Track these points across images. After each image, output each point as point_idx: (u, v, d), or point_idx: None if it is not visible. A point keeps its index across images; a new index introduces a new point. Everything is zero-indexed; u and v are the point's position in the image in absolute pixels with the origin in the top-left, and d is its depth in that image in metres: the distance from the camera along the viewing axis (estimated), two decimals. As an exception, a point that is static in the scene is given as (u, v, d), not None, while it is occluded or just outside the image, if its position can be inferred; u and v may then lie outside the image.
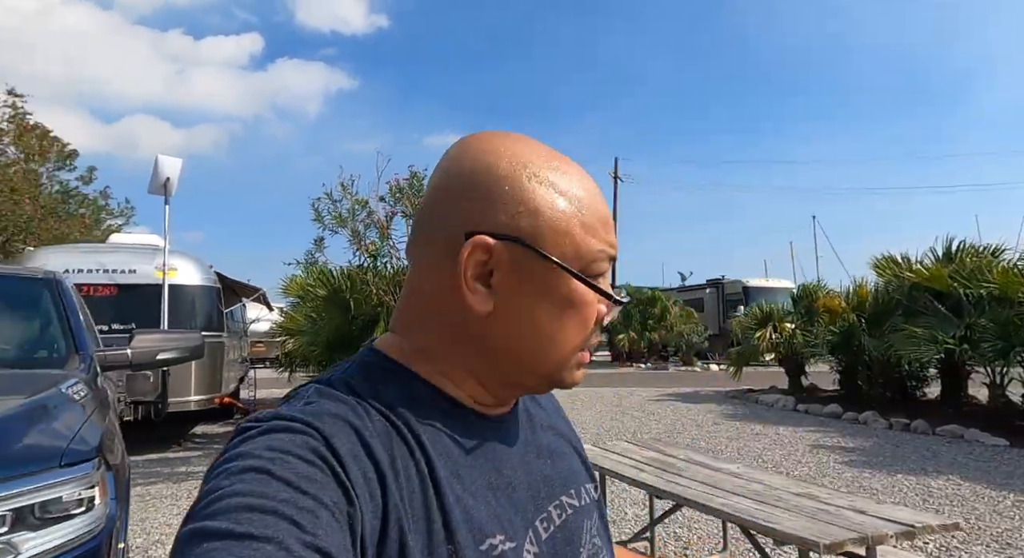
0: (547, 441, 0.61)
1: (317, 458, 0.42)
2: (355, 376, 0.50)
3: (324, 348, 7.08)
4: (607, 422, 8.40)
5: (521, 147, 0.52)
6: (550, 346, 0.51)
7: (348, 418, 0.46)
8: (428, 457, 0.48)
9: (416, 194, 5.97)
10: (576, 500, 0.59)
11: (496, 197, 0.49)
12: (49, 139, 12.76)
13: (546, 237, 0.49)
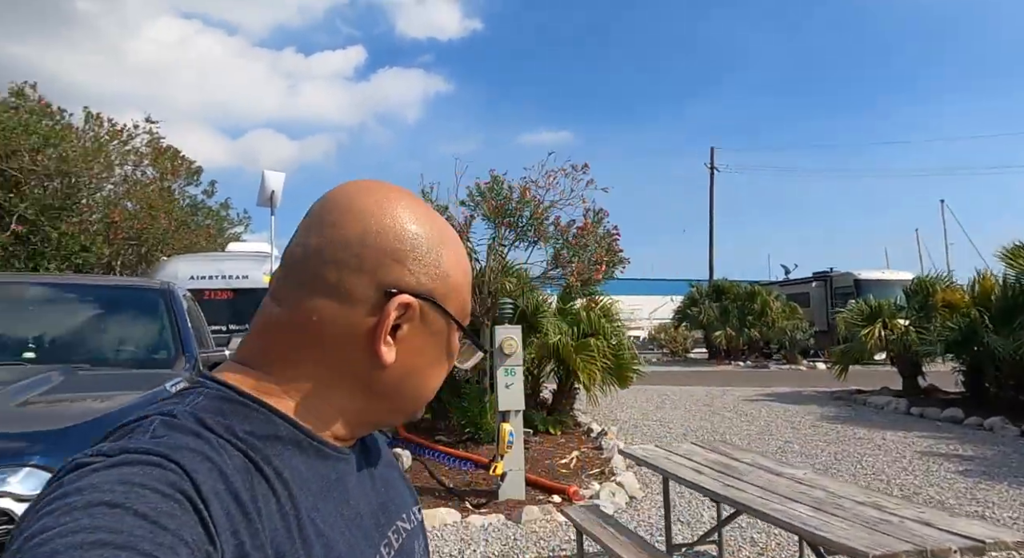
0: (380, 469, 0.63)
1: (177, 493, 0.40)
2: (205, 410, 0.48)
3: (412, 346, 7.47)
4: (695, 422, 8.19)
5: (426, 210, 0.58)
6: (427, 391, 0.59)
7: (207, 453, 0.44)
8: (290, 494, 0.48)
9: (496, 197, 6.16)
10: (408, 523, 0.63)
11: (417, 259, 0.54)
12: (179, 158, 14.27)
13: (449, 297, 0.56)
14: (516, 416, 4.68)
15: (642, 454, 3.06)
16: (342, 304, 0.52)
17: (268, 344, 0.54)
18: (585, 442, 6.56)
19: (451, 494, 4.77)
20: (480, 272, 6.10)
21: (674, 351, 21.95)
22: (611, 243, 6.11)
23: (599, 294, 7.53)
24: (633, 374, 7.38)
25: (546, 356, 7.07)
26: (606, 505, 4.31)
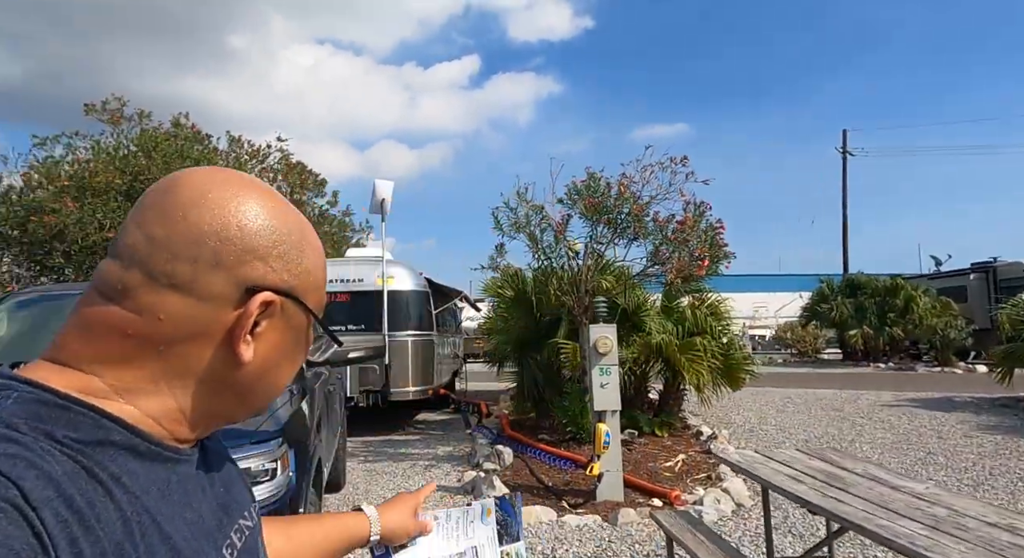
0: (219, 466, 0.61)
1: (3, 502, 0.37)
2: (16, 414, 0.43)
3: (516, 346, 7.59)
4: (819, 428, 7.54)
5: (284, 205, 0.56)
6: (279, 386, 0.58)
7: (30, 459, 0.40)
8: (130, 499, 0.45)
9: (593, 194, 6.09)
10: (249, 521, 0.61)
11: (280, 255, 0.53)
12: (306, 173, 15.58)
13: (308, 293, 0.56)
14: (612, 416, 4.60)
15: (737, 459, 2.88)
16: (195, 301, 0.49)
17: (98, 343, 0.49)
18: (693, 445, 6.29)
19: (549, 492, 4.78)
20: (577, 270, 6.06)
21: (802, 351, 20.34)
22: (715, 237, 5.79)
23: (706, 291, 7.18)
24: (746, 375, 6.96)
25: (651, 356, 6.86)
26: (709, 512, 4.10)
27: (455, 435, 7.76)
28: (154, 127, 11.26)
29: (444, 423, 8.85)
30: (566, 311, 6.49)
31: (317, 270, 0.57)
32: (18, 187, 9.32)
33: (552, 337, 6.98)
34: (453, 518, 0.93)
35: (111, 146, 10.40)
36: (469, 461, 6.11)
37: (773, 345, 25.01)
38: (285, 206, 0.55)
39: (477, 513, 0.94)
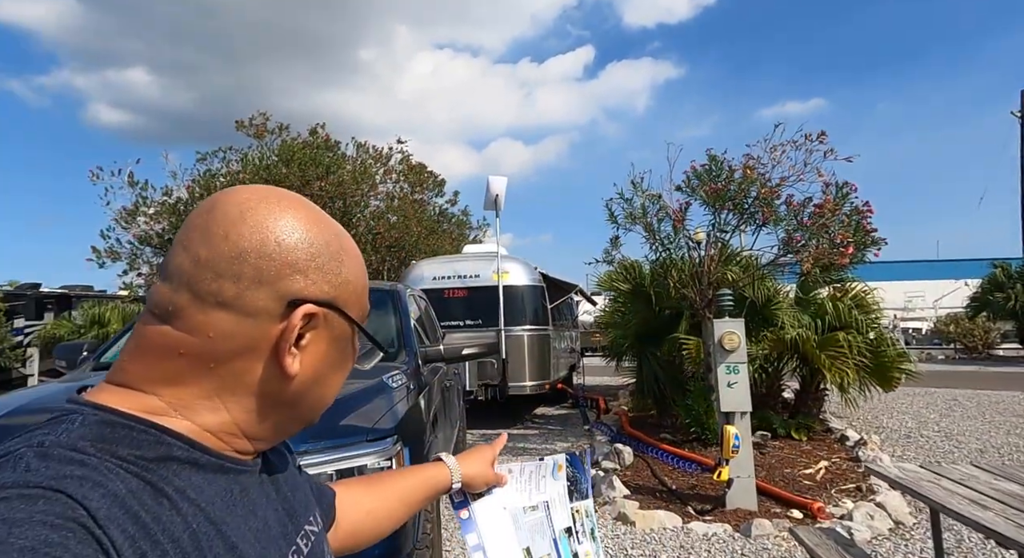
0: (285, 474, 0.63)
1: (69, 522, 0.38)
2: (83, 437, 0.45)
3: (634, 340, 7.31)
4: (997, 437, 6.50)
5: (319, 217, 0.56)
6: (328, 397, 0.58)
7: (95, 479, 0.41)
8: (196, 512, 0.46)
9: (714, 179, 5.68)
10: (315, 526, 0.63)
11: (319, 267, 0.53)
12: (426, 173, 16.21)
13: (349, 303, 0.55)
14: (742, 418, 4.24)
15: (898, 475, 2.49)
16: (241, 318, 0.50)
17: (154, 363, 0.51)
18: (837, 451, 5.67)
19: (673, 496, 4.53)
20: (699, 262, 5.68)
21: (970, 346, 17.82)
22: (860, 221, 5.15)
23: (849, 280, 6.45)
24: (900, 374, 6.16)
25: (784, 352, 6.30)
26: (860, 530, 3.65)
27: (573, 431, 7.66)
28: (292, 138, 12.27)
29: (562, 418, 8.78)
30: (687, 305, 6.12)
31: (357, 279, 0.57)
32: (184, 199, 10.58)
33: (672, 332, 6.63)
34: (526, 472, 0.95)
35: (256, 157, 11.46)
36: (589, 459, 5.97)
37: (931, 339, 22.19)
38: (320, 217, 0.56)
39: (549, 468, 0.96)
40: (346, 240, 0.57)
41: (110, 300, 14.87)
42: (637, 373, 7.50)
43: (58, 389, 2.28)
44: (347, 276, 0.55)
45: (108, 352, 2.98)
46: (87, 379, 2.48)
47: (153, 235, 10.09)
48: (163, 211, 10.11)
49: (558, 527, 0.94)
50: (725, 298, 4.52)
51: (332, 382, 0.57)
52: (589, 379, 12.09)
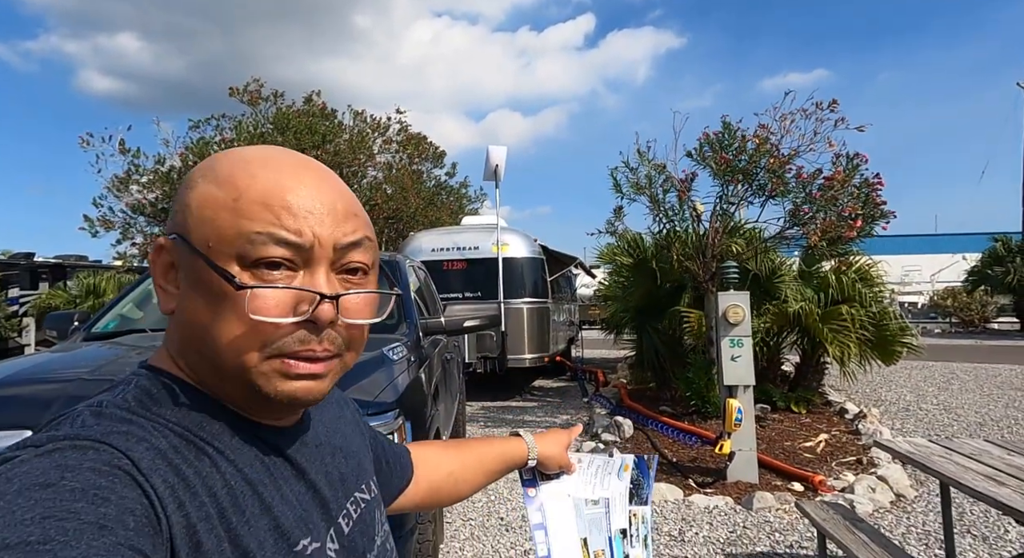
0: (339, 440, 0.63)
1: (116, 469, 0.41)
2: (135, 398, 0.48)
3: (635, 313, 7.26)
4: (996, 410, 6.51)
5: (225, 154, 0.52)
6: (213, 344, 0.48)
7: (141, 435, 0.45)
8: (232, 469, 0.48)
9: (725, 148, 5.54)
10: (367, 494, 0.63)
11: (175, 201, 0.52)
12: (425, 144, 15.93)
13: (190, 228, 0.49)
14: (745, 392, 4.21)
15: (908, 450, 2.45)
16: None
17: (172, 331, 0.54)
18: (837, 424, 5.68)
19: (674, 469, 4.53)
20: (703, 234, 5.59)
21: (967, 321, 17.87)
22: (870, 194, 5.04)
23: (853, 253, 6.36)
24: (902, 348, 6.14)
25: (785, 326, 6.25)
26: (862, 502, 3.64)
27: (572, 403, 7.67)
28: (287, 105, 11.98)
29: (561, 390, 8.79)
30: (690, 277, 6.05)
31: (204, 200, 0.49)
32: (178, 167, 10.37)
33: (674, 305, 6.57)
34: (594, 465, 0.97)
35: (251, 125, 11.21)
36: (587, 431, 5.97)
37: (927, 313, 22.28)
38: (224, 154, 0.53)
39: (616, 467, 0.98)
40: (222, 165, 0.51)
41: (105, 270, 14.75)
42: (636, 346, 7.47)
43: (47, 359, 2.20)
44: (191, 200, 0.50)
45: (99, 322, 2.89)
46: (78, 349, 2.40)
47: (146, 204, 9.91)
48: (156, 180, 9.91)
49: (615, 527, 0.94)
50: (730, 271, 4.44)
51: (208, 324, 0.48)
52: (587, 352, 12.10)
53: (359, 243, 0.52)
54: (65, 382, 1.82)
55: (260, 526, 0.47)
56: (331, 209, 0.50)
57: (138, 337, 2.65)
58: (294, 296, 0.48)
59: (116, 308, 3.00)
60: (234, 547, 0.45)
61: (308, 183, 0.50)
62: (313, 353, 0.49)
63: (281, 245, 0.47)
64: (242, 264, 0.47)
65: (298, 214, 0.48)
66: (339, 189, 0.52)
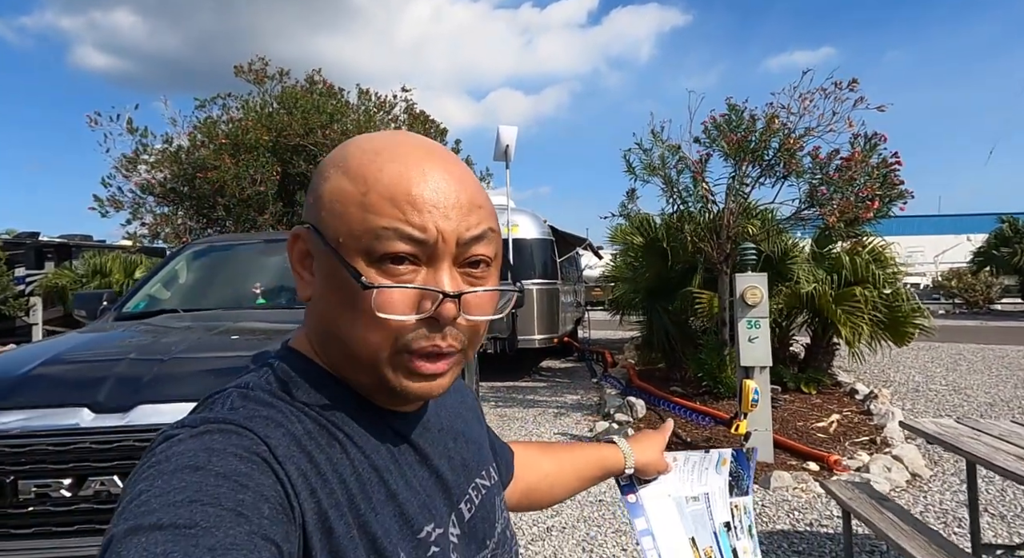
0: (460, 426, 0.64)
1: (254, 456, 0.44)
2: (274, 381, 0.51)
3: (645, 295, 7.28)
4: (1006, 390, 6.55)
5: (356, 142, 0.53)
6: (345, 336, 0.50)
7: (279, 420, 0.47)
8: (360, 455, 0.50)
9: (734, 129, 5.50)
10: (487, 480, 0.64)
11: (311, 190, 0.53)
12: (429, 123, 15.83)
13: (323, 220, 0.50)
14: (762, 373, 4.24)
15: (935, 431, 2.47)
16: None
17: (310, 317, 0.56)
18: (848, 405, 5.73)
19: (688, 449, 4.58)
20: (718, 215, 5.58)
21: (971, 301, 17.90)
22: (888, 174, 5.01)
23: (867, 235, 6.36)
24: (914, 329, 6.16)
25: (797, 307, 6.27)
26: (878, 481, 3.69)
27: (581, 383, 7.73)
28: (292, 85, 11.86)
29: (569, 371, 8.85)
30: (703, 259, 6.05)
31: (334, 194, 0.50)
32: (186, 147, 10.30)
33: (685, 286, 6.58)
34: (691, 462, 0.96)
35: (257, 104, 11.11)
36: (599, 411, 6.03)
37: (930, 294, 22.32)
38: (344, 144, 0.54)
39: (713, 461, 0.97)
40: (345, 155, 0.51)
41: (110, 250, 14.75)
42: (646, 327, 7.50)
43: (88, 339, 2.22)
44: (323, 192, 0.51)
45: (129, 303, 2.91)
46: (116, 329, 2.42)
47: (155, 184, 9.88)
48: (164, 159, 9.86)
49: (718, 521, 0.93)
50: (748, 252, 4.44)
51: (340, 320, 0.50)
52: (593, 333, 12.16)
53: (483, 236, 0.51)
54: (113, 361, 1.84)
55: (386, 513, 0.49)
56: (456, 202, 0.50)
57: (168, 317, 2.67)
58: (418, 293, 0.48)
59: (144, 288, 3.01)
60: (363, 534, 0.46)
61: (433, 175, 0.50)
62: (438, 349, 0.49)
63: (405, 240, 0.47)
64: (369, 259, 0.48)
65: (423, 209, 0.48)
66: (464, 179, 0.52)
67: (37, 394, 1.67)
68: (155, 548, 0.36)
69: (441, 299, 0.48)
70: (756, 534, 0.96)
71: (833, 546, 2.98)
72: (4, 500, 1.56)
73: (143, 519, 0.38)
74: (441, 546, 0.52)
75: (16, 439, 1.58)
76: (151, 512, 0.38)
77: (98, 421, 1.58)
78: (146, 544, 0.36)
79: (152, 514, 0.38)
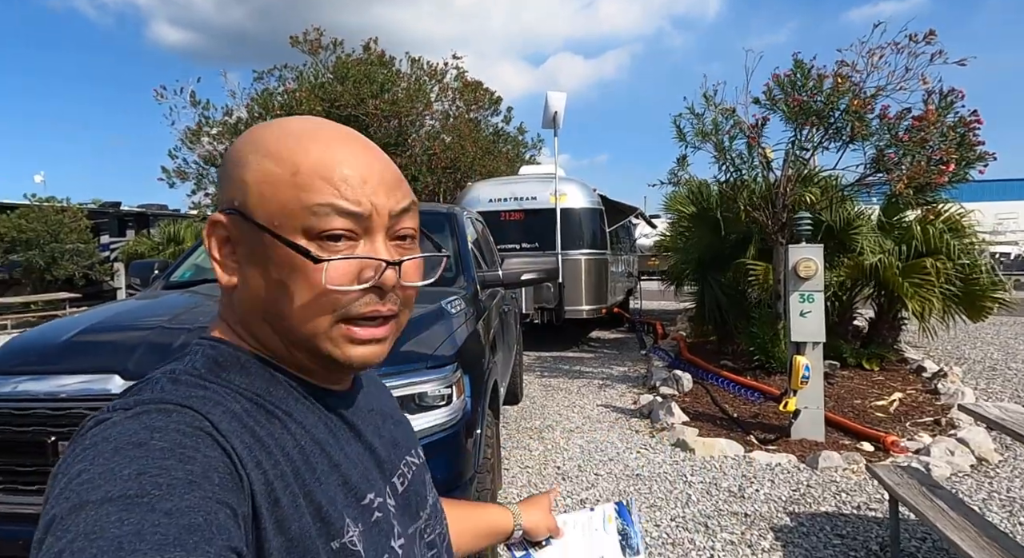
0: (388, 408, 0.67)
1: (198, 430, 0.44)
2: (202, 367, 0.52)
3: (696, 266, 7.05)
4: None
5: (268, 128, 0.53)
6: (284, 314, 0.51)
7: (216, 399, 0.48)
8: (300, 430, 0.51)
9: (798, 90, 5.14)
10: (416, 458, 0.67)
11: (226, 178, 0.53)
12: (481, 90, 15.64)
13: (252, 203, 0.50)
14: (814, 349, 4.04)
15: (998, 416, 2.27)
16: None
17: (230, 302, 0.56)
18: (913, 383, 5.41)
19: (734, 424, 4.45)
20: (774, 183, 5.27)
21: (1065, 274, 16.42)
22: (966, 134, 4.57)
23: (942, 201, 5.87)
24: (992, 304, 5.71)
25: (860, 279, 5.91)
26: (939, 465, 3.48)
27: (629, 355, 7.63)
28: (347, 54, 11.95)
29: (618, 342, 8.74)
30: (757, 228, 5.77)
31: (264, 175, 0.50)
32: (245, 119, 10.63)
33: (739, 257, 6.32)
34: (579, 525, 0.96)
35: (312, 75, 11.29)
36: (645, 383, 5.94)
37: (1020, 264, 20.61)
38: (266, 126, 0.54)
39: (600, 520, 0.96)
40: (273, 141, 0.51)
41: (183, 218, 15.58)
42: (698, 298, 7.28)
43: (130, 307, 2.34)
44: (249, 175, 0.51)
45: (176, 271, 3.04)
46: (159, 297, 2.54)
47: (216, 155, 10.27)
48: (224, 131, 10.22)
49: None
50: (803, 222, 4.18)
51: (276, 296, 0.50)
52: (646, 304, 11.93)
53: (409, 209, 0.55)
54: (147, 330, 1.92)
55: (330, 482, 0.50)
56: (382, 178, 0.52)
57: (211, 286, 2.77)
58: (359, 264, 0.51)
59: (191, 258, 3.14)
60: (309, 502, 0.48)
61: (358, 154, 0.52)
62: (378, 313, 0.52)
63: (343, 216, 0.50)
64: (308, 237, 0.49)
65: (355, 185, 0.50)
66: (384, 158, 0.55)
67: (75, 360, 1.77)
68: (108, 518, 0.36)
69: (384, 267, 0.51)
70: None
71: (880, 531, 2.84)
72: (46, 459, 1.67)
73: (88, 495, 0.37)
74: (383, 512, 0.55)
75: (55, 402, 1.68)
76: (96, 488, 0.38)
77: (128, 387, 1.66)
78: (96, 517, 0.36)
79: (98, 489, 0.37)
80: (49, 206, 14.05)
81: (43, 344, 1.91)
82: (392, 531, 0.55)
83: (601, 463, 3.86)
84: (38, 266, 13.33)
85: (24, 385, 1.72)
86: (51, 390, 1.71)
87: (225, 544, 0.38)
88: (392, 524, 0.55)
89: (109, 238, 17.38)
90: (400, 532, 0.56)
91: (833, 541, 2.79)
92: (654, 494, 3.36)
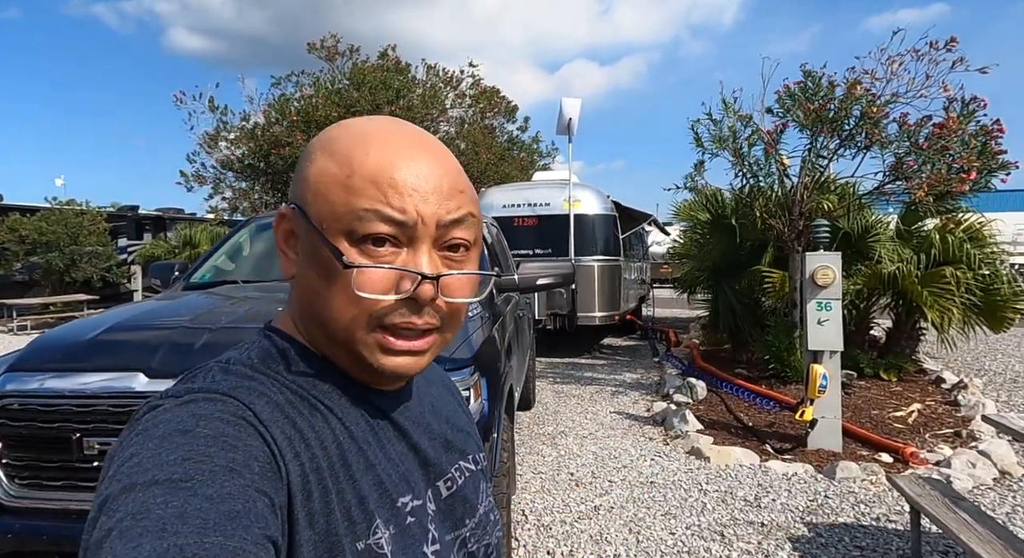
0: (447, 412, 0.66)
1: (240, 420, 0.45)
2: (255, 357, 0.53)
3: (710, 273, 7.01)
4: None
5: (345, 126, 0.54)
6: (324, 314, 0.52)
7: (261, 390, 0.50)
8: (341, 427, 0.52)
9: (810, 98, 5.12)
10: (472, 465, 0.65)
11: (298, 170, 0.54)
12: (497, 98, 15.70)
13: (308, 201, 0.51)
14: (831, 358, 3.99)
15: (1023, 426, 2.24)
16: None
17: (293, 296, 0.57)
18: (932, 394, 5.33)
19: (749, 433, 4.41)
20: (791, 190, 5.24)
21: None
22: (987, 143, 4.52)
23: (961, 210, 5.80)
24: (1014, 315, 5.62)
25: (877, 288, 5.84)
26: (960, 477, 3.42)
27: (642, 362, 7.59)
28: (363, 60, 12.07)
29: (630, 349, 8.70)
30: (773, 236, 5.73)
31: (320, 174, 0.51)
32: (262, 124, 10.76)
33: (754, 264, 6.28)
34: None
35: (328, 81, 11.41)
36: (658, 391, 5.91)
37: (1041, 277, 20.29)
38: (336, 125, 0.55)
39: None
40: (340, 139, 0.52)
41: (199, 222, 15.76)
42: (711, 306, 7.24)
43: (152, 307, 2.37)
44: (309, 172, 0.52)
45: (196, 273, 3.07)
46: (179, 298, 2.57)
47: (234, 160, 10.39)
48: (242, 136, 10.34)
49: None
50: (821, 230, 4.15)
51: (320, 296, 0.51)
52: (658, 311, 11.87)
53: (462, 220, 0.53)
54: (169, 329, 1.94)
55: (365, 481, 0.51)
56: (436, 187, 0.51)
57: (230, 288, 2.80)
58: (397, 274, 0.50)
59: (211, 260, 3.18)
60: (339, 499, 0.48)
61: (418, 161, 0.51)
62: (413, 325, 0.51)
63: (386, 222, 0.49)
64: (350, 240, 0.50)
65: (403, 192, 0.50)
66: (448, 167, 0.53)
67: (100, 358, 1.80)
68: (154, 500, 0.38)
69: (420, 280, 0.50)
70: None
71: (901, 544, 2.79)
72: (72, 455, 1.69)
73: (138, 477, 0.40)
74: (418, 517, 0.54)
75: (81, 399, 1.71)
76: (145, 471, 0.40)
77: (151, 386, 1.68)
78: (144, 498, 0.38)
79: (147, 472, 0.40)
80: (69, 209, 14.28)
81: (68, 342, 1.94)
82: (426, 537, 0.54)
83: (615, 470, 3.83)
84: (58, 268, 13.53)
85: (50, 382, 1.75)
86: (76, 387, 1.73)
87: (261, 532, 0.40)
88: (427, 529, 0.55)
89: (127, 241, 17.61)
90: (436, 538, 0.55)
91: (852, 552, 2.75)
92: (669, 502, 3.33)
